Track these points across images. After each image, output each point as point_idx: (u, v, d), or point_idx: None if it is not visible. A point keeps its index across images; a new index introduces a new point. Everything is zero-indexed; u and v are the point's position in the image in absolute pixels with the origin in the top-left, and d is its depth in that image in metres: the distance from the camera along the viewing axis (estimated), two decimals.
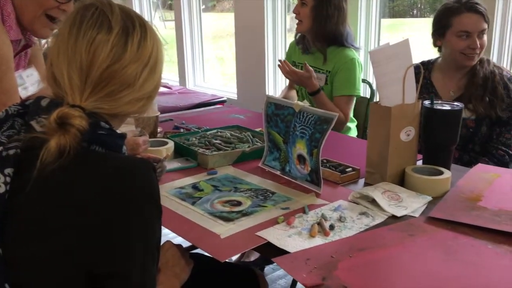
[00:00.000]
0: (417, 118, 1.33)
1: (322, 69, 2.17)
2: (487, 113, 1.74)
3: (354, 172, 1.39)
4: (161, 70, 0.91)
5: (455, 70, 1.83)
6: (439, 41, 1.83)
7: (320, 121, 1.28)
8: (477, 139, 1.79)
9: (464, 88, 1.80)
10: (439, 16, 1.81)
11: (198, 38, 3.96)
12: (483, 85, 1.75)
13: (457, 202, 1.19)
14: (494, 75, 1.76)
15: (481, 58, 1.80)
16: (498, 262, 0.94)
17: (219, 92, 3.75)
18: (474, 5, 1.73)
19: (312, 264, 0.92)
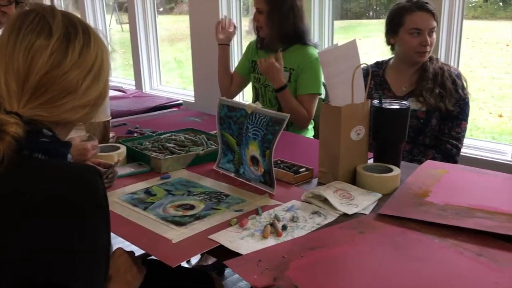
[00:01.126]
0: (366, 117, 1.36)
1: (285, 67, 2.19)
2: (437, 105, 1.82)
3: (308, 172, 1.41)
4: (106, 77, 0.89)
5: (408, 67, 1.91)
6: (393, 39, 1.91)
7: (272, 122, 1.29)
8: (427, 130, 1.86)
9: (416, 83, 1.88)
10: (392, 15, 1.89)
11: (153, 41, 3.91)
12: (433, 79, 1.85)
13: (406, 198, 1.22)
14: (443, 71, 1.86)
15: (431, 56, 1.89)
16: (443, 255, 0.97)
17: (177, 95, 3.72)
18: (425, 4, 1.83)
19: (263, 265, 0.93)
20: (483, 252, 0.97)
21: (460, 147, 1.89)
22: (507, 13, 7.38)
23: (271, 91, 2.22)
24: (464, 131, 1.89)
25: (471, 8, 7.65)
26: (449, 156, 1.86)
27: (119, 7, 7.30)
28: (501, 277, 0.88)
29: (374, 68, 2.03)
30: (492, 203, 1.17)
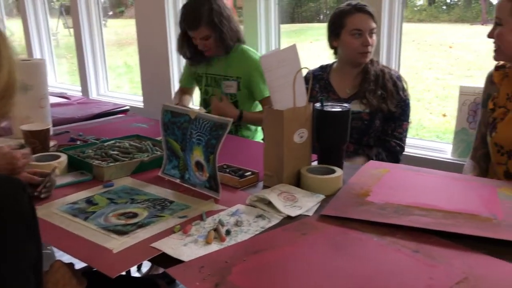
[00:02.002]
0: (309, 120, 1.38)
1: (231, 76, 2.20)
2: (379, 106, 1.88)
3: (253, 176, 1.41)
4: (9, 68, 0.84)
5: (350, 69, 1.97)
6: (335, 42, 1.96)
7: (215, 127, 1.29)
8: (371, 131, 1.91)
9: (359, 86, 1.94)
10: (333, 19, 1.95)
11: (99, 46, 3.82)
12: (375, 81, 1.91)
13: (348, 198, 1.25)
14: (384, 73, 1.93)
15: (371, 59, 1.95)
16: (381, 253, 0.99)
17: (126, 101, 3.65)
18: (364, 7, 1.91)
19: (206, 271, 0.92)
20: (419, 248, 1.00)
21: (404, 146, 1.96)
22: (450, 16, 7.72)
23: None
24: (406, 131, 1.96)
25: (416, 11, 7.94)
26: (394, 153, 1.93)
27: (66, 10, 7.11)
28: (435, 272, 0.91)
29: (319, 71, 2.07)
30: (429, 201, 1.22)
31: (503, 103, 1.54)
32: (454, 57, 6.66)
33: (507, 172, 1.52)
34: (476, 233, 1.03)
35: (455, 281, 0.88)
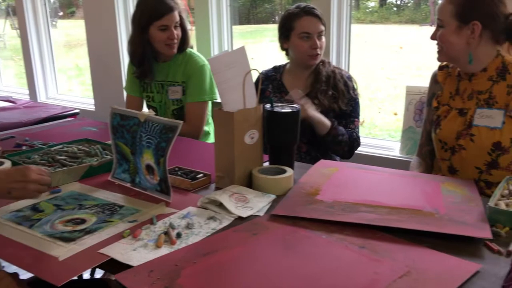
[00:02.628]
0: (259, 121, 1.40)
1: (177, 81, 2.18)
2: (331, 106, 1.92)
3: (205, 178, 1.41)
4: None
5: (302, 71, 2.00)
6: (286, 44, 1.98)
7: (165, 129, 1.28)
8: None
9: (311, 86, 1.96)
10: (283, 21, 1.97)
11: (47, 48, 3.70)
12: (326, 81, 1.95)
13: (298, 198, 1.27)
14: (335, 74, 1.97)
15: (323, 60, 1.98)
16: (329, 250, 1.02)
17: (76, 104, 3.56)
18: (312, 10, 1.93)
19: (155, 275, 0.91)
20: (365, 244, 1.03)
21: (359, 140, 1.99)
22: (400, 18, 7.95)
23: (168, 108, 2.21)
24: (357, 127, 2.01)
25: (368, 13, 8.14)
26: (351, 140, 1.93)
27: (14, 11, 6.85)
28: (379, 267, 0.94)
29: (272, 72, 2.09)
30: (376, 198, 1.25)
31: (446, 101, 1.61)
32: (404, 58, 6.87)
33: (450, 167, 1.58)
34: (419, 227, 1.07)
35: (398, 275, 0.91)
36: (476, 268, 0.93)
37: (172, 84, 2.17)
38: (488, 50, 1.49)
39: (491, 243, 1.02)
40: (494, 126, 1.46)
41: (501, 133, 1.45)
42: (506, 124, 1.44)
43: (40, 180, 1.15)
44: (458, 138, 1.53)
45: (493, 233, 1.05)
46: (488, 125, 1.47)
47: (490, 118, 1.47)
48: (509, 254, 0.98)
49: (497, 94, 1.48)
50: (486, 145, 1.47)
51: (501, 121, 1.45)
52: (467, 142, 1.50)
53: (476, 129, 1.48)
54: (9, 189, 1.13)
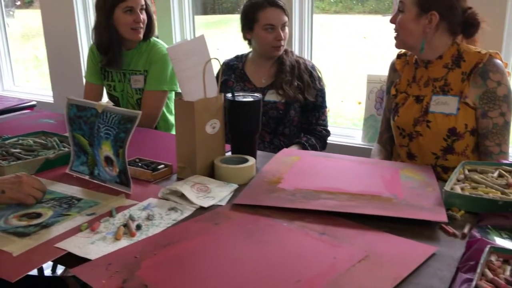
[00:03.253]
0: (220, 110, 1.39)
1: (138, 70, 2.14)
2: (296, 96, 1.92)
3: (167, 169, 1.40)
4: None
5: (265, 61, 1.99)
6: (249, 35, 1.97)
7: (124, 120, 1.25)
8: (286, 121, 1.95)
9: (275, 76, 1.96)
10: (246, 12, 1.95)
11: (2, 38, 3.56)
12: (291, 72, 1.95)
13: (260, 186, 1.27)
14: (299, 64, 1.97)
15: (286, 49, 1.98)
16: (290, 237, 1.02)
17: (34, 95, 3.45)
18: (275, 1, 1.92)
19: (113, 268, 0.90)
20: (325, 230, 1.04)
21: (329, 131, 2.03)
22: (364, 8, 8.05)
23: (131, 97, 2.17)
24: (327, 117, 2.03)
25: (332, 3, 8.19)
26: (322, 137, 1.99)
27: None
28: (339, 252, 0.95)
29: (234, 61, 2.08)
30: (336, 185, 1.27)
31: (404, 89, 1.64)
32: (368, 47, 6.97)
33: (409, 154, 1.62)
34: (377, 212, 1.09)
35: (357, 259, 0.92)
36: (432, 250, 0.95)
37: (134, 73, 2.13)
38: (443, 40, 1.53)
39: (447, 226, 1.04)
40: (449, 113, 1.50)
41: (456, 119, 1.49)
42: (461, 110, 1.48)
43: (34, 184, 1.18)
44: (415, 124, 1.56)
45: (449, 216, 1.08)
46: (444, 112, 1.51)
47: (446, 105, 1.51)
48: (464, 236, 1.01)
49: (452, 81, 1.51)
50: (442, 131, 1.51)
51: (456, 107, 1.49)
52: (423, 129, 1.54)
53: (432, 115, 1.52)
54: (3, 188, 1.14)
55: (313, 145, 1.94)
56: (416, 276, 0.87)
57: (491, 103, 1.46)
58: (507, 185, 1.15)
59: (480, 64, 1.46)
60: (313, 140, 1.96)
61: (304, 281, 0.85)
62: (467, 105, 1.48)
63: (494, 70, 1.46)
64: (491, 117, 1.47)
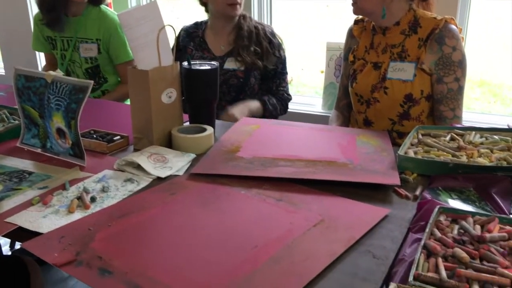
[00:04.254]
0: (177, 79, 1.36)
1: (90, 39, 2.07)
2: (255, 63, 1.89)
3: (123, 140, 1.37)
4: None
5: (223, 25, 1.94)
6: None
7: (75, 90, 1.21)
8: (247, 89, 1.94)
9: (233, 42, 1.93)
10: None
11: None
12: (249, 37, 1.91)
13: (218, 155, 1.27)
14: (258, 30, 1.93)
15: (244, 14, 1.94)
16: (248, 204, 1.03)
17: None
18: None
19: (66, 241, 0.88)
20: (282, 197, 1.05)
21: (290, 95, 2.03)
22: None
23: (79, 67, 2.11)
24: (287, 83, 2.02)
25: None
26: (283, 100, 1.99)
27: None
28: (295, 217, 0.96)
29: (193, 28, 2.03)
30: (294, 152, 1.27)
31: (361, 55, 1.65)
32: (331, 16, 6.95)
33: (366, 120, 1.64)
34: (333, 178, 1.11)
35: (312, 224, 0.93)
36: (385, 212, 0.97)
37: (84, 41, 2.06)
38: (401, 5, 1.53)
39: (400, 189, 1.07)
40: (406, 79, 1.52)
41: (412, 86, 1.51)
42: (417, 76, 1.51)
43: None
44: (373, 91, 1.58)
45: (402, 179, 1.11)
46: (401, 78, 1.53)
47: (402, 71, 1.53)
48: (415, 198, 1.04)
49: (409, 48, 1.53)
50: (398, 97, 1.53)
51: (413, 73, 1.51)
52: (381, 95, 1.56)
53: (390, 82, 1.54)
54: None
55: (273, 105, 1.93)
56: (369, 237, 0.90)
57: (446, 69, 1.49)
58: (458, 148, 1.19)
59: (436, 30, 1.48)
60: (274, 100, 1.95)
61: (261, 246, 0.86)
62: (423, 71, 1.50)
63: (449, 35, 1.48)
64: (446, 82, 1.49)
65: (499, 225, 0.82)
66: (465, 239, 0.78)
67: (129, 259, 0.83)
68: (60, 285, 1.94)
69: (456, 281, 0.68)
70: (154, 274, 0.78)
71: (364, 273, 0.78)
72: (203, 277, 0.77)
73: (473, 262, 0.72)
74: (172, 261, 0.82)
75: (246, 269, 0.79)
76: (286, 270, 0.79)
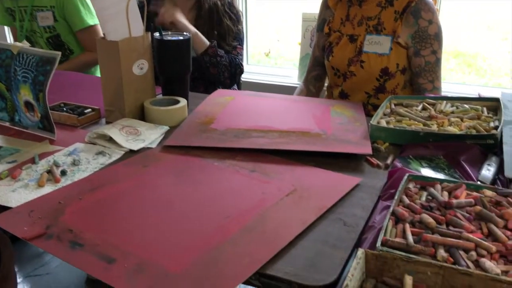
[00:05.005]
0: (148, 50, 1.33)
1: (45, 6, 2.00)
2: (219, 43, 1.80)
3: (94, 113, 1.34)
4: None
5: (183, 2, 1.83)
6: None
7: (42, 62, 1.18)
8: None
9: (194, 22, 1.82)
10: None
11: None
12: (210, 17, 1.80)
13: (192, 127, 1.26)
14: (217, 7, 1.81)
15: None
16: (221, 176, 1.02)
17: None
18: None
19: (36, 215, 0.87)
20: (255, 168, 1.05)
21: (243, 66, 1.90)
22: None
23: (40, 37, 2.04)
24: (240, 54, 1.89)
25: None
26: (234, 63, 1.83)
27: None
28: (267, 188, 0.97)
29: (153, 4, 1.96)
30: (267, 123, 1.27)
31: (337, 28, 1.63)
32: None
33: (342, 93, 1.64)
34: (306, 148, 1.11)
35: (285, 193, 0.94)
36: (356, 181, 0.98)
37: (40, 9, 1.99)
38: None
39: (372, 158, 1.08)
40: (382, 53, 1.51)
41: (388, 59, 1.51)
42: (393, 50, 1.51)
43: None
44: (350, 64, 1.57)
45: (374, 149, 1.12)
46: (377, 52, 1.52)
47: (379, 45, 1.52)
48: (387, 167, 1.05)
49: (385, 20, 1.52)
50: (374, 71, 1.53)
51: (389, 47, 1.51)
52: (357, 69, 1.55)
53: (366, 55, 1.53)
54: None
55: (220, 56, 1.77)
56: (340, 206, 0.91)
57: (423, 42, 1.49)
58: (429, 117, 1.20)
59: (412, 2, 1.47)
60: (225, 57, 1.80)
61: (233, 216, 0.86)
62: (399, 44, 1.50)
63: (425, 8, 1.47)
64: (423, 55, 1.50)
65: (466, 191, 0.84)
66: (432, 206, 0.79)
67: (101, 231, 0.82)
68: (35, 260, 1.93)
69: (422, 245, 0.69)
70: (126, 246, 0.78)
71: (334, 240, 0.80)
72: (176, 248, 0.78)
73: (440, 227, 0.73)
74: (145, 233, 0.82)
75: (219, 239, 0.79)
76: (258, 239, 0.79)
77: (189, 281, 0.70)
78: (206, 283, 0.69)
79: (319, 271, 0.72)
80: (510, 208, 0.77)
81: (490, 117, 1.18)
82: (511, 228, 0.74)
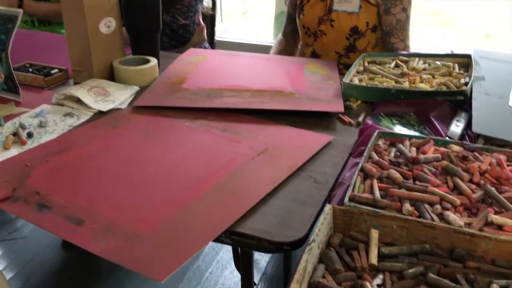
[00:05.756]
0: (115, 8, 1.28)
1: None
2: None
3: (61, 73, 1.30)
4: None
5: None
6: None
7: (3, 20, 1.12)
8: None
9: None
10: None
11: None
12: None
13: (163, 88, 1.23)
14: None
15: None
16: (192, 136, 1.01)
17: None
18: None
19: (1, 178, 0.85)
20: (227, 127, 1.04)
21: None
22: None
23: None
24: None
25: None
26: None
27: None
28: (239, 147, 0.96)
29: None
30: (240, 82, 1.25)
31: None
32: None
33: (313, 53, 1.62)
34: (278, 107, 1.10)
35: (256, 152, 0.94)
36: (328, 139, 0.99)
37: None
38: None
39: (344, 116, 1.08)
40: (352, 11, 1.49)
41: (358, 18, 1.49)
42: (363, 8, 1.48)
43: None
44: (320, 23, 1.55)
45: (346, 106, 1.12)
46: (346, 10, 1.50)
47: (348, 3, 1.50)
48: (358, 124, 1.05)
49: None
50: (344, 30, 1.51)
51: (358, 5, 1.48)
52: (327, 28, 1.53)
53: (336, 14, 1.51)
54: None
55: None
56: (311, 163, 0.91)
57: (392, 0, 1.47)
58: (401, 74, 1.20)
59: None
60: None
61: (204, 176, 0.86)
62: (368, 2, 1.48)
63: None
64: (394, 13, 1.48)
65: (434, 147, 0.85)
66: (400, 161, 0.80)
67: (69, 193, 0.81)
68: (7, 225, 1.91)
69: (389, 200, 0.70)
70: (95, 207, 0.77)
71: (305, 198, 0.80)
72: (145, 209, 0.77)
73: (406, 182, 0.74)
74: (113, 194, 0.81)
75: (189, 198, 0.79)
76: (229, 198, 0.79)
77: (159, 240, 0.70)
78: (176, 242, 0.69)
79: (288, 228, 0.73)
80: (475, 162, 0.78)
81: (462, 74, 1.18)
82: (476, 181, 0.75)
